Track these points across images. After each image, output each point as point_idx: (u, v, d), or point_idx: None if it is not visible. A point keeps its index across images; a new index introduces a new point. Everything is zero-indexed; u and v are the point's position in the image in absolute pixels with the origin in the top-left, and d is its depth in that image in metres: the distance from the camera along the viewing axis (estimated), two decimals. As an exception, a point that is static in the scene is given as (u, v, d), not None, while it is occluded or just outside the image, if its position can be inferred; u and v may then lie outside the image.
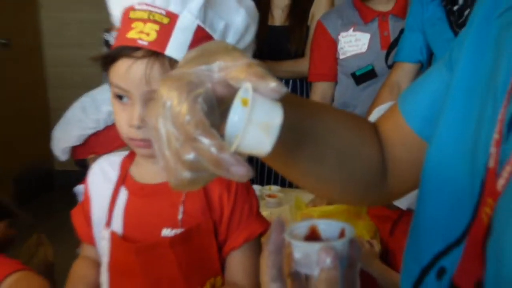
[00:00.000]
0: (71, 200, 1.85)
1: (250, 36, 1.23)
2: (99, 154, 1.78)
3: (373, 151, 0.87)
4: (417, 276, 0.71)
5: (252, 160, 0.61)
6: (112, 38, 2.51)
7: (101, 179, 1.33)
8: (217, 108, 0.61)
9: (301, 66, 2.82)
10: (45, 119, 4.83)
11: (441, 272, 0.67)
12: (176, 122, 0.57)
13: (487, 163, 0.63)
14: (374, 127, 0.91)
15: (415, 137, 0.84)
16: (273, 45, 2.79)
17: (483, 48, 0.71)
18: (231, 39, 1.19)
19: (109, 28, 2.49)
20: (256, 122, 0.59)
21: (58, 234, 2.32)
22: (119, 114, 1.18)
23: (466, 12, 2.22)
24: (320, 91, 2.64)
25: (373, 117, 1.87)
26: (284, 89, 0.58)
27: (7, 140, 4.32)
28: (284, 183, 2.66)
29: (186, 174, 0.59)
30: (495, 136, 0.62)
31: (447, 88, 0.76)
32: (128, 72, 1.12)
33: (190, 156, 0.57)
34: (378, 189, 0.89)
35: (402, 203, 1.69)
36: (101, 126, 1.83)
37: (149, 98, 1.12)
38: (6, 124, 4.34)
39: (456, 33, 2.25)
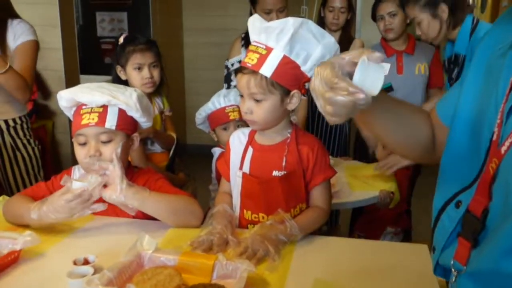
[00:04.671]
0: (196, 160, 1.84)
1: None
2: (213, 128, 1.83)
3: (427, 127, 0.86)
4: (441, 206, 0.71)
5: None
6: (229, 64, 2.51)
7: (237, 141, 1.37)
8: (346, 76, 0.67)
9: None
10: (183, 114, 4.90)
11: (458, 204, 0.67)
12: (324, 78, 0.65)
13: (491, 138, 0.64)
14: (428, 115, 0.90)
15: (444, 127, 0.83)
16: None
17: (483, 70, 0.72)
18: (309, 64, 1.20)
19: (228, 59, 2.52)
20: (370, 73, 0.65)
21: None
22: None
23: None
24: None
25: None
26: (383, 56, 0.67)
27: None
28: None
29: (329, 108, 0.66)
30: (498, 121, 0.63)
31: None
32: (240, 80, 1.22)
33: (330, 94, 0.65)
34: (430, 153, 0.86)
35: None
36: (217, 106, 1.80)
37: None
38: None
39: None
